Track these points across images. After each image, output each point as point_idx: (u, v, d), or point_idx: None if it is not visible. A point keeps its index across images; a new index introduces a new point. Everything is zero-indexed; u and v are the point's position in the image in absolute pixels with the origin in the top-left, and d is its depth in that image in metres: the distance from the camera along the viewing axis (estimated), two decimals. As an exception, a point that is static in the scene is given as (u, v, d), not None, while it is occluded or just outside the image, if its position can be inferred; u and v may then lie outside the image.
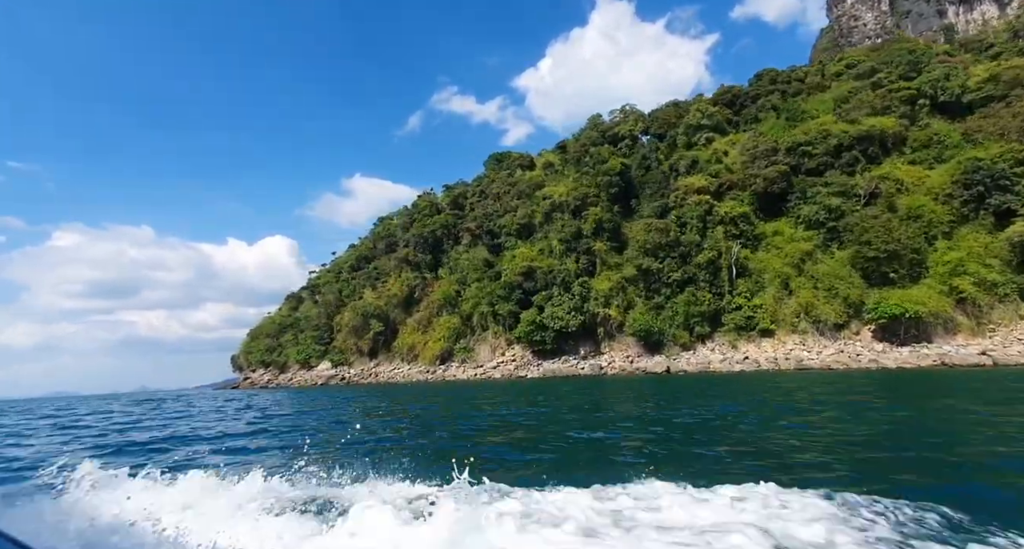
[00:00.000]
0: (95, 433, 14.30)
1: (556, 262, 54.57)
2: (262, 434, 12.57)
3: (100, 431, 14.80)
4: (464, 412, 17.13)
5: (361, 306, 64.33)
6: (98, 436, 13.50)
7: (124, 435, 13.44)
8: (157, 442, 11.54)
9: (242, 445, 10.65)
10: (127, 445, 11.33)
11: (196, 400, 34.91)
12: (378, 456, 7.52)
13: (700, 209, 50.84)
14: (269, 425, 14.43)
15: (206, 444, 11.01)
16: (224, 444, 10.85)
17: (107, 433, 14.19)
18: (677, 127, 71.03)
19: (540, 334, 50.28)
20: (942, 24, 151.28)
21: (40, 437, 13.93)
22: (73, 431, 15.09)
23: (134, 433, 13.82)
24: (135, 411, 23.86)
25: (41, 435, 14.52)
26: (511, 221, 64.76)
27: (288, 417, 17.48)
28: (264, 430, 13.29)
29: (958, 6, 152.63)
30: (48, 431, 15.54)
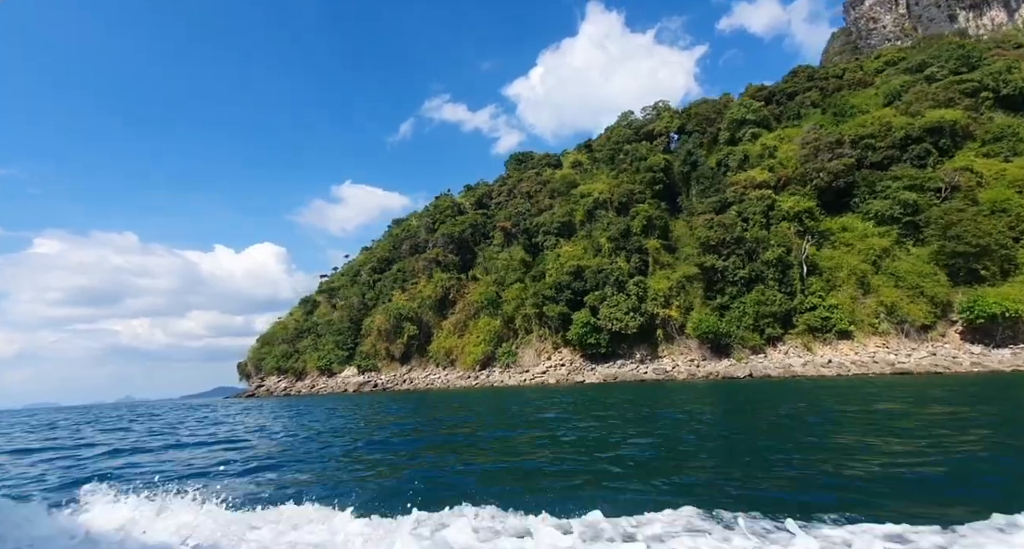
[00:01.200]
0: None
1: (606, 261, 51.46)
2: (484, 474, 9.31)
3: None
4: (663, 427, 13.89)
5: (393, 308, 60.91)
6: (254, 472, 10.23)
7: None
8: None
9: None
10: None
11: (245, 413, 31.40)
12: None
13: (762, 204, 47.99)
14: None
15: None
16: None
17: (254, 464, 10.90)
18: (718, 123, 68.57)
19: (594, 336, 47.04)
20: (953, 29, 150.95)
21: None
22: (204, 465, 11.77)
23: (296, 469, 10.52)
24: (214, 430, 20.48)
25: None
26: (550, 219, 61.72)
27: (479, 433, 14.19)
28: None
29: (968, 11, 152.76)
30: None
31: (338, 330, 73.05)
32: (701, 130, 69.31)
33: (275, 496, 6.19)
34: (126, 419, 27.69)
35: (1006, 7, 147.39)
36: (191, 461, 10.44)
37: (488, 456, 9.44)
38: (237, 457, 10.56)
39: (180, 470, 9.31)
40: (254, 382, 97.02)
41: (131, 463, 10.53)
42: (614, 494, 5.94)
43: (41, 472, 9.82)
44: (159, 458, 11.20)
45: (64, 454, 12.51)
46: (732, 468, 7.22)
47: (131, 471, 9.42)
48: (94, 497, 5.38)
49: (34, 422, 29.19)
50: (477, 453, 9.87)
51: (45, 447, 14.32)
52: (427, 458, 9.56)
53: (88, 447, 13.90)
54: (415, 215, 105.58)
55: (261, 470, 8.82)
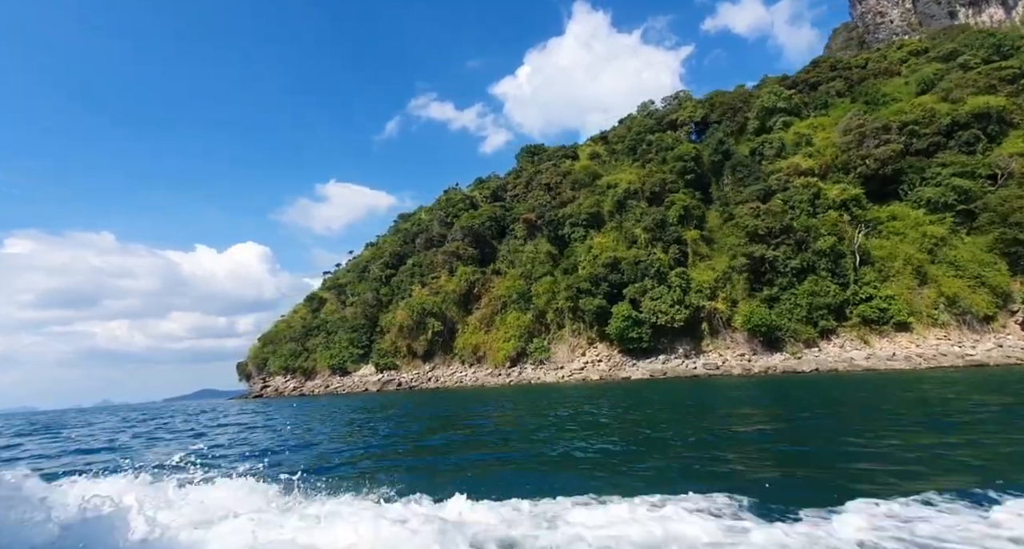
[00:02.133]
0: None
1: (643, 252, 49.35)
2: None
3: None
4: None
5: (416, 303, 58.24)
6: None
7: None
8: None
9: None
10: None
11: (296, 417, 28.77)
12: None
13: (808, 192, 46.24)
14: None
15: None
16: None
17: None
18: (744, 112, 66.87)
19: (636, 330, 44.91)
20: (953, 25, 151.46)
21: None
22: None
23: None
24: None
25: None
26: (577, 210, 59.46)
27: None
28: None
29: (967, 8, 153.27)
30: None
31: (352, 327, 70.19)
32: (727, 119, 67.46)
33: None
34: (156, 422, 24.95)
35: (1004, 4, 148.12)
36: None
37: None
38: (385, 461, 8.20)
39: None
40: (256, 383, 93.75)
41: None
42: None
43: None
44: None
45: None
46: None
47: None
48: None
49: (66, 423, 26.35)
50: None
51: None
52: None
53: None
54: (424, 209, 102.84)
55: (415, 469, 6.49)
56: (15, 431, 22.93)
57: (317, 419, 20.36)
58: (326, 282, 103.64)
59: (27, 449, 14.50)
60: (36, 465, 10.64)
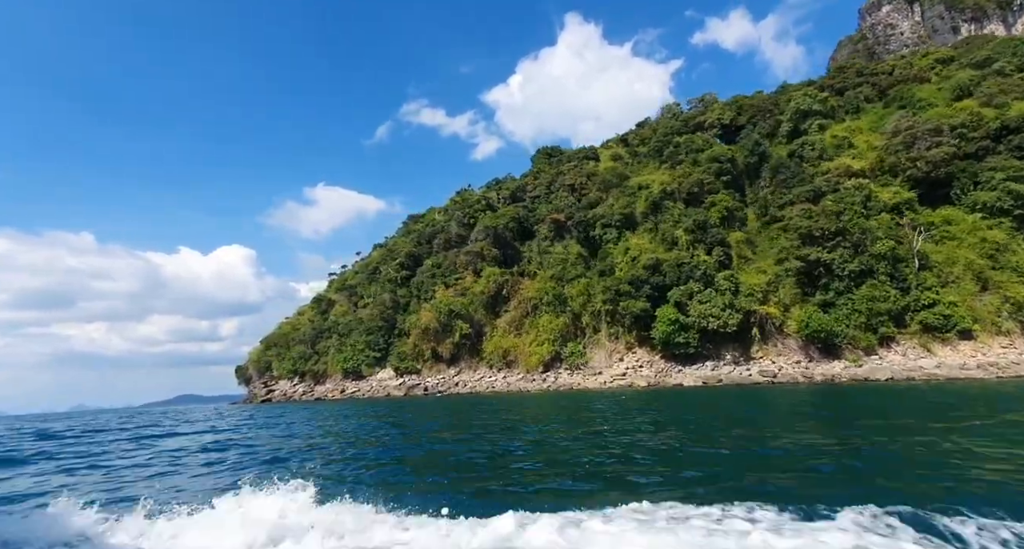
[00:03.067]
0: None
1: (685, 254, 47.49)
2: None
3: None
4: None
5: (443, 305, 55.71)
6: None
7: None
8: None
9: None
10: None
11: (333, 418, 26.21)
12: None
13: (860, 194, 44.77)
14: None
15: None
16: None
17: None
18: (777, 114, 65.76)
19: (683, 335, 42.89)
20: (956, 40, 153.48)
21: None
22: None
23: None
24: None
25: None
26: (610, 211, 57.57)
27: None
28: None
29: (969, 24, 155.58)
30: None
31: (367, 329, 67.38)
32: (759, 122, 66.24)
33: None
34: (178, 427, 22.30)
35: (1004, 22, 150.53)
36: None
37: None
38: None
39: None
40: (256, 387, 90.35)
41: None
42: None
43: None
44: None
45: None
46: None
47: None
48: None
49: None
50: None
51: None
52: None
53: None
54: (435, 210, 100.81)
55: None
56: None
57: (412, 430, 17.92)
58: (333, 284, 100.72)
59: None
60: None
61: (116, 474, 10.16)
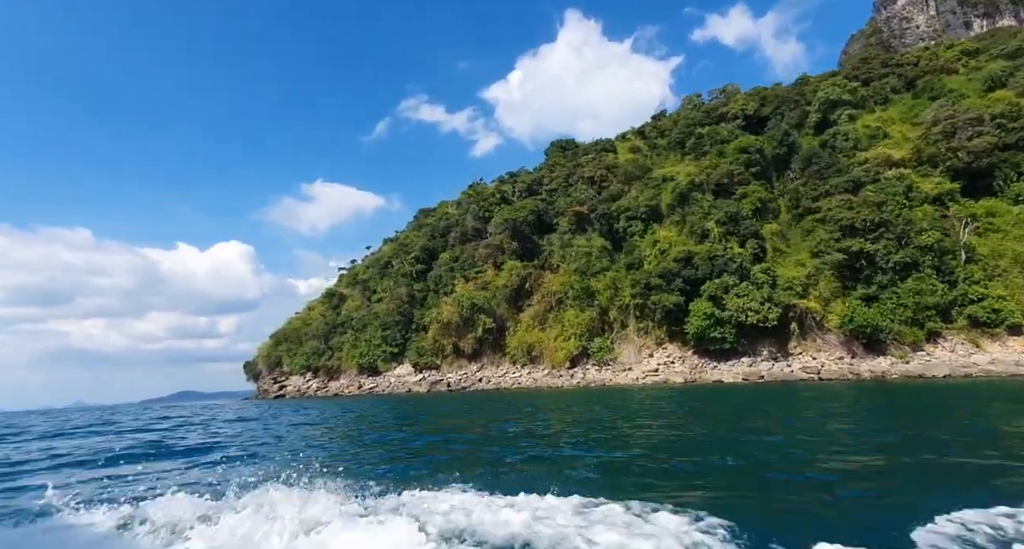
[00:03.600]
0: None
1: (718, 247, 46.12)
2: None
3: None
4: None
5: (466, 298, 54.34)
6: None
7: None
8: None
9: None
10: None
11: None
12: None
13: (901, 184, 43.36)
14: None
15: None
16: None
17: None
18: (803, 105, 64.22)
19: (718, 330, 41.56)
20: (970, 35, 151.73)
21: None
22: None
23: None
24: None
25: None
26: (635, 204, 56.15)
27: None
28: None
29: (982, 19, 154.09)
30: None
31: (384, 324, 66.03)
32: (785, 112, 64.67)
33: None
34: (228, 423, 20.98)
35: (1016, 16, 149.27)
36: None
37: None
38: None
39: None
40: (266, 382, 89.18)
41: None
42: None
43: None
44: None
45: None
46: None
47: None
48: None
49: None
50: None
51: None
52: None
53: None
54: (447, 204, 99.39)
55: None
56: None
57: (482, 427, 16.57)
58: (343, 278, 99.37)
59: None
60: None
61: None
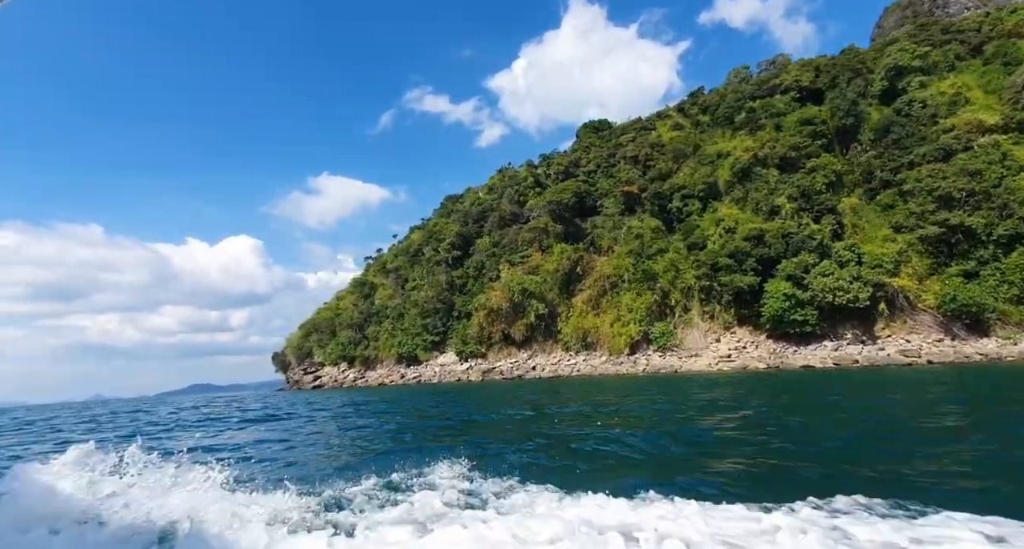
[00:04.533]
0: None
1: (791, 223, 43.09)
2: None
3: None
4: None
5: (515, 284, 51.93)
6: None
7: None
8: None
9: None
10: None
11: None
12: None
13: (997, 152, 39.85)
14: None
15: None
16: None
17: None
18: (865, 73, 60.27)
19: (799, 312, 38.69)
20: (1008, 3, 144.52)
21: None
22: None
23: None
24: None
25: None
26: (691, 181, 53.08)
27: None
28: None
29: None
30: None
31: (424, 312, 63.98)
32: (841, 82, 60.78)
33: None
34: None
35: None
36: None
37: None
38: None
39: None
40: (296, 373, 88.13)
41: None
42: None
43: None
44: None
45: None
46: None
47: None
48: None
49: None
50: None
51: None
52: None
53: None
54: (474, 190, 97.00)
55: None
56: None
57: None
58: (370, 267, 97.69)
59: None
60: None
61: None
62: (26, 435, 16.52)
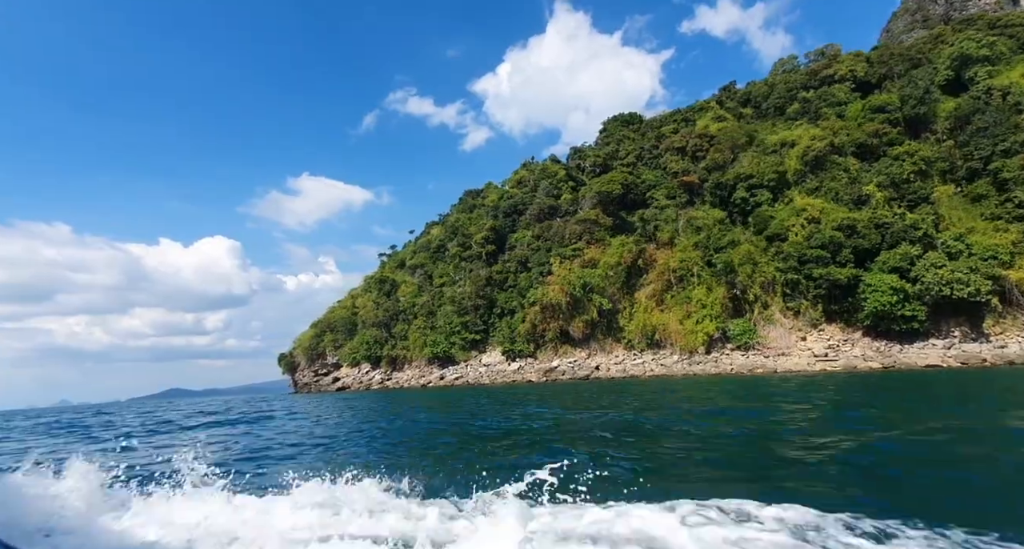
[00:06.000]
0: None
1: (885, 213, 40.22)
2: None
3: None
4: None
5: (575, 278, 48.19)
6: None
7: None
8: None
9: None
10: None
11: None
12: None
13: (1106, 138, 37.54)
14: None
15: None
16: None
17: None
18: (925, 63, 58.19)
19: (907, 307, 35.69)
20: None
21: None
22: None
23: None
24: None
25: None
26: (758, 170, 50.08)
27: None
28: None
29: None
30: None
31: (462, 309, 59.87)
32: (901, 72, 58.64)
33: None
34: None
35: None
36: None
37: None
38: None
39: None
40: (305, 374, 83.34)
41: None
42: None
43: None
44: None
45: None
46: None
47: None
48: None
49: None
50: None
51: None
52: None
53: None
54: (494, 186, 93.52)
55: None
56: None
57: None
58: (386, 264, 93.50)
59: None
60: None
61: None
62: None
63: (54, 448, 12.19)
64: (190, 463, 5.33)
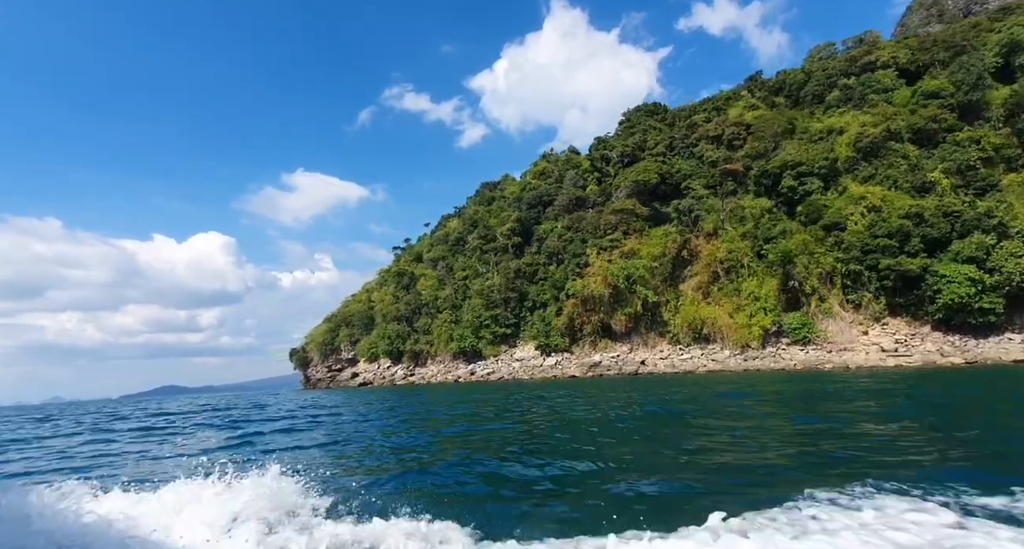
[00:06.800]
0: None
1: (954, 201, 38.32)
2: None
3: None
4: None
5: (619, 270, 46.07)
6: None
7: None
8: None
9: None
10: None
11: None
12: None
13: None
14: None
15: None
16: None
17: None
18: (971, 50, 56.30)
19: (986, 299, 33.86)
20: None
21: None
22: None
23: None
24: None
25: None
26: (810, 157, 48.06)
27: None
28: None
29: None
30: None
31: (491, 302, 57.69)
32: (946, 60, 56.71)
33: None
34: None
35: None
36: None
37: None
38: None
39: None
40: (319, 371, 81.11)
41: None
42: None
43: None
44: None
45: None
46: None
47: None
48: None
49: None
50: None
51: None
52: None
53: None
54: (511, 178, 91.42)
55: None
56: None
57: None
58: (401, 257, 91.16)
59: None
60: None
61: None
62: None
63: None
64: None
